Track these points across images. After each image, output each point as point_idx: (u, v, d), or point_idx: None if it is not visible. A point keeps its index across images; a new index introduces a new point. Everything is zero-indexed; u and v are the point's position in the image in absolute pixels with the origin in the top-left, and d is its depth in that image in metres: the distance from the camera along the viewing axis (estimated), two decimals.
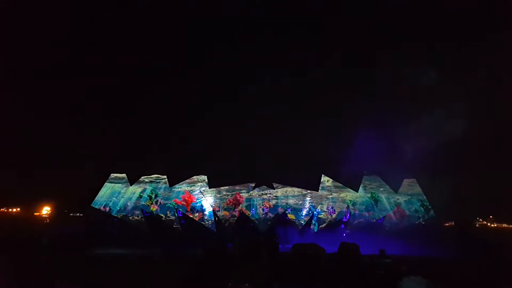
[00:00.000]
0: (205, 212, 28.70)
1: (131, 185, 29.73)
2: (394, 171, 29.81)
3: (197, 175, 29.71)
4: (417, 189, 29.86)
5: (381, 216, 28.93)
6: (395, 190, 29.86)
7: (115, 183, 30.04)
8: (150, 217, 28.02)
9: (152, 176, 30.31)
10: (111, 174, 30.17)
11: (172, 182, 29.62)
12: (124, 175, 30.20)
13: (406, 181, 30.36)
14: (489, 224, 70.88)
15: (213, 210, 28.22)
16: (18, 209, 60.97)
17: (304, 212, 28.91)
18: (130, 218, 28.65)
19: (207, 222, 28.15)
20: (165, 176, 30.09)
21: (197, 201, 29.01)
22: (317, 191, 29.71)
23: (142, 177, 30.06)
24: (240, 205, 28.59)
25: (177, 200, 28.85)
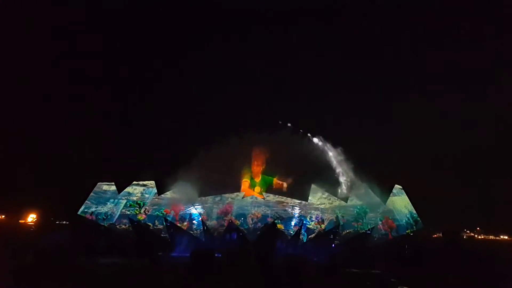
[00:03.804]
0: (193, 221, 28.45)
1: (119, 193, 29.34)
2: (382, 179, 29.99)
3: (185, 183, 29.34)
4: (405, 199, 29.97)
5: (369, 227, 28.94)
6: (384, 200, 29.89)
7: (103, 191, 29.65)
8: (137, 226, 27.72)
9: (140, 183, 29.97)
10: (99, 182, 29.81)
11: (161, 190, 29.30)
12: (112, 183, 29.83)
13: (394, 190, 30.46)
14: (476, 235, 71.58)
15: (202, 219, 28.02)
16: (3, 216, 59.93)
17: (293, 222, 28.81)
18: (117, 226, 28.28)
19: (195, 232, 27.91)
20: (154, 183, 29.77)
21: (186, 210, 28.77)
22: (307, 201, 29.67)
23: (131, 184, 29.70)
24: (229, 214, 28.38)
25: (167, 210, 28.58)
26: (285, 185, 31.42)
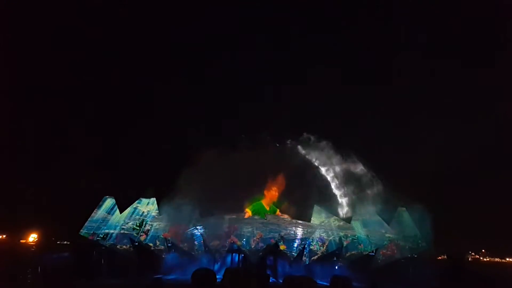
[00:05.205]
0: (195, 242, 28.19)
1: (121, 212, 29.15)
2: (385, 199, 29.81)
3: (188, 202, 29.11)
4: (409, 220, 29.66)
5: (373, 249, 28.60)
6: (387, 221, 29.58)
7: (104, 210, 29.47)
8: (138, 247, 27.53)
9: (140, 203, 29.80)
10: (101, 201, 29.66)
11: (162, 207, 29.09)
12: (114, 201, 29.66)
13: (398, 212, 30.17)
14: (481, 258, 70.50)
15: (203, 240, 27.78)
16: (4, 236, 59.58)
17: (296, 243, 28.50)
18: (118, 247, 28.04)
19: (196, 252, 27.66)
20: (155, 201, 29.55)
21: (187, 230, 28.52)
22: (309, 221, 29.44)
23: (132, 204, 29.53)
24: (231, 235, 28.14)
25: (166, 234, 28.27)
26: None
